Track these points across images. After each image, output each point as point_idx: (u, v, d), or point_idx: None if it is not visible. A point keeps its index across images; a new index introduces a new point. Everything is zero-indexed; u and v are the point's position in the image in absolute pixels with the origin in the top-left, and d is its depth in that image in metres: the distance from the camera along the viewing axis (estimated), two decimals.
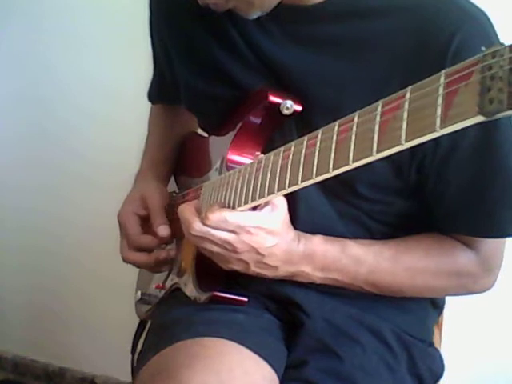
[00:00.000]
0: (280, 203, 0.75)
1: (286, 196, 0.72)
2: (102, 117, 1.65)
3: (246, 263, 0.77)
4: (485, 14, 0.76)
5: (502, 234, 0.80)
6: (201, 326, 0.80)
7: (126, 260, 0.95)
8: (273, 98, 0.79)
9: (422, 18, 0.74)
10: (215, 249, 0.76)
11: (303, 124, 0.79)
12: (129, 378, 1.02)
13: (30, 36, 1.71)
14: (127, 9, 1.54)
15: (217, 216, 0.73)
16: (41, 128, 1.76)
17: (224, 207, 0.76)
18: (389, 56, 0.75)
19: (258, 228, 0.74)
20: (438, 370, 0.92)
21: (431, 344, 0.94)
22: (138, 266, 0.98)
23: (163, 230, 0.91)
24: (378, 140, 0.51)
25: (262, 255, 0.76)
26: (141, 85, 1.11)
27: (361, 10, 0.76)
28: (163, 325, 0.87)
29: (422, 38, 0.73)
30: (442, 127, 0.44)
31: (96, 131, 1.68)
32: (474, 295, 0.87)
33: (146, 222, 0.96)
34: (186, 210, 0.78)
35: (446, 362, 0.94)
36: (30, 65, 1.73)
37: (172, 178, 1.07)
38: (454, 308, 1.00)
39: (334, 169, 0.57)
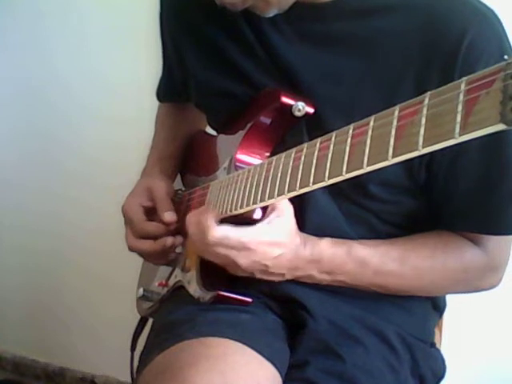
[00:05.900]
0: (286, 209, 0.75)
1: (293, 199, 0.71)
2: (103, 115, 1.64)
3: (251, 272, 0.78)
4: (494, 13, 0.76)
5: (509, 231, 0.81)
6: (205, 326, 0.80)
7: (131, 248, 0.95)
8: (285, 100, 0.79)
9: (433, 15, 0.74)
10: (217, 260, 0.78)
11: (314, 124, 0.79)
12: (129, 378, 1.02)
13: (30, 33, 1.70)
14: (130, 5, 1.54)
15: (219, 234, 0.73)
16: (41, 126, 1.75)
17: (222, 212, 0.76)
18: (400, 54, 0.75)
19: (260, 243, 0.74)
20: (439, 370, 0.92)
21: (433, 345, 0.94)
22: (143, 255, 0.96)
23: (169, 216, 0.91)
24: (394, 144, 0.51)
25: (267, 266, 0.77)
26: (143, 83, 1.11)
27: (372, 8, 0.77)
28: (167, 324, 0.86)
29: (432, 36, 0.73)
30: (461, 134, 0.44)
31: (97, 129, 1.67)
32: (474, 295, 0.88)
33: (151, 214, 0.94)
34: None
35: (445, 363, 0.94)
36: (30, 62, 1.72)
37: (178, 177, 1.06)
38: (454, 308, 1.01)
39: (347, 172, 0.57)
